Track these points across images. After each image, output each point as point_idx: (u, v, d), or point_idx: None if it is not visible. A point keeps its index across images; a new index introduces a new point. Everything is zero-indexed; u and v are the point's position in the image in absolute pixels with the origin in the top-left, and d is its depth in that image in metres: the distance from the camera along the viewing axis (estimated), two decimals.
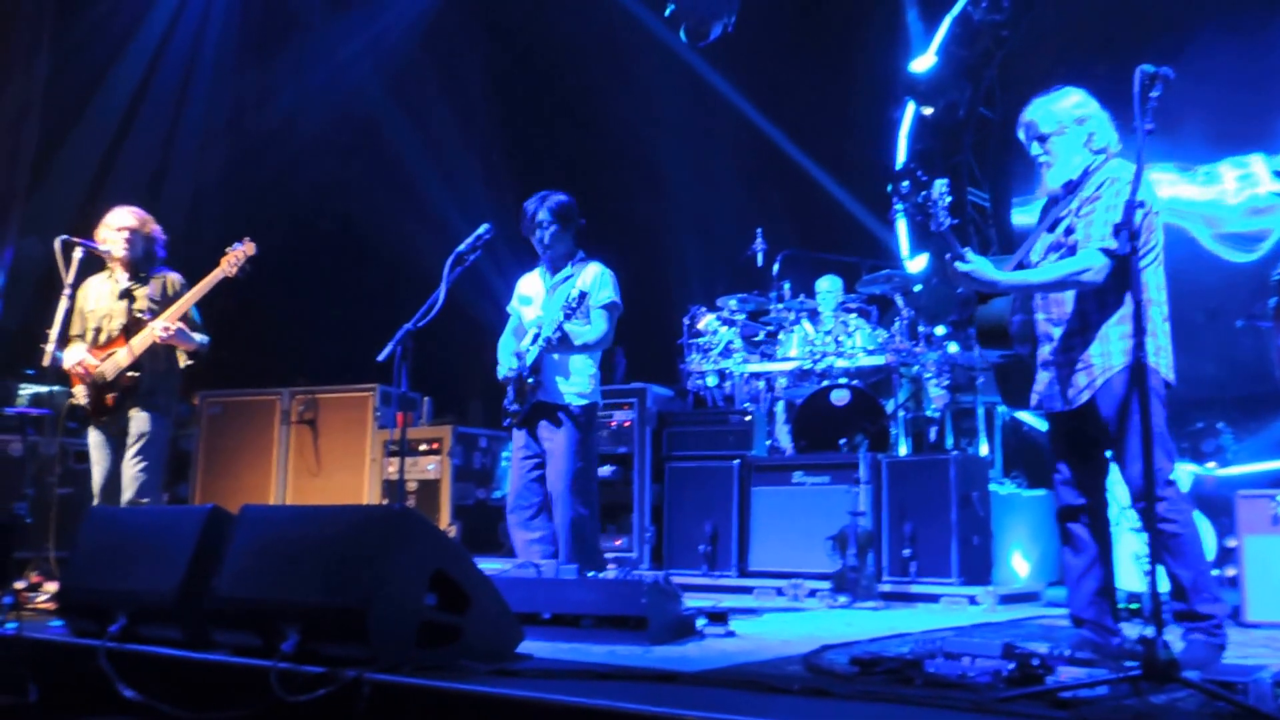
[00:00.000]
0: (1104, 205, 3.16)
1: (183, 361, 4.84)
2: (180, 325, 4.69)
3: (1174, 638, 3.04)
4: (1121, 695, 2.28)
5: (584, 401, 4.52)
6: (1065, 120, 3.35)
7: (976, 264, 3.20)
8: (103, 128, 8.70)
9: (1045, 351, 3.34)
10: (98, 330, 4.83)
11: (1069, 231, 3.25)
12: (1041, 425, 8.14)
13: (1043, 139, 3.38)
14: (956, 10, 9.35)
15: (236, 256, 4.78)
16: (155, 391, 4.76)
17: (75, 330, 4.86)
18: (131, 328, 4.73)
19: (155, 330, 4.64)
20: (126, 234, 4.84)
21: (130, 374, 4.69)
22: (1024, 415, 8.08)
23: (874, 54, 9.58)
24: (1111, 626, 3.27)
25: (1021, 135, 3.45)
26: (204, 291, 4.77)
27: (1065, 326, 3.28)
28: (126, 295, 4.82)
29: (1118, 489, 4.56)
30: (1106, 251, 3.11)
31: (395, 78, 9.88)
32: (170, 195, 8.75)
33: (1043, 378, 3.35)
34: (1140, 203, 2.87)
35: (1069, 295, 3.27)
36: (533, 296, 4.69)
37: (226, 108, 9.53)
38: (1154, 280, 3.24)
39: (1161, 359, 3.23)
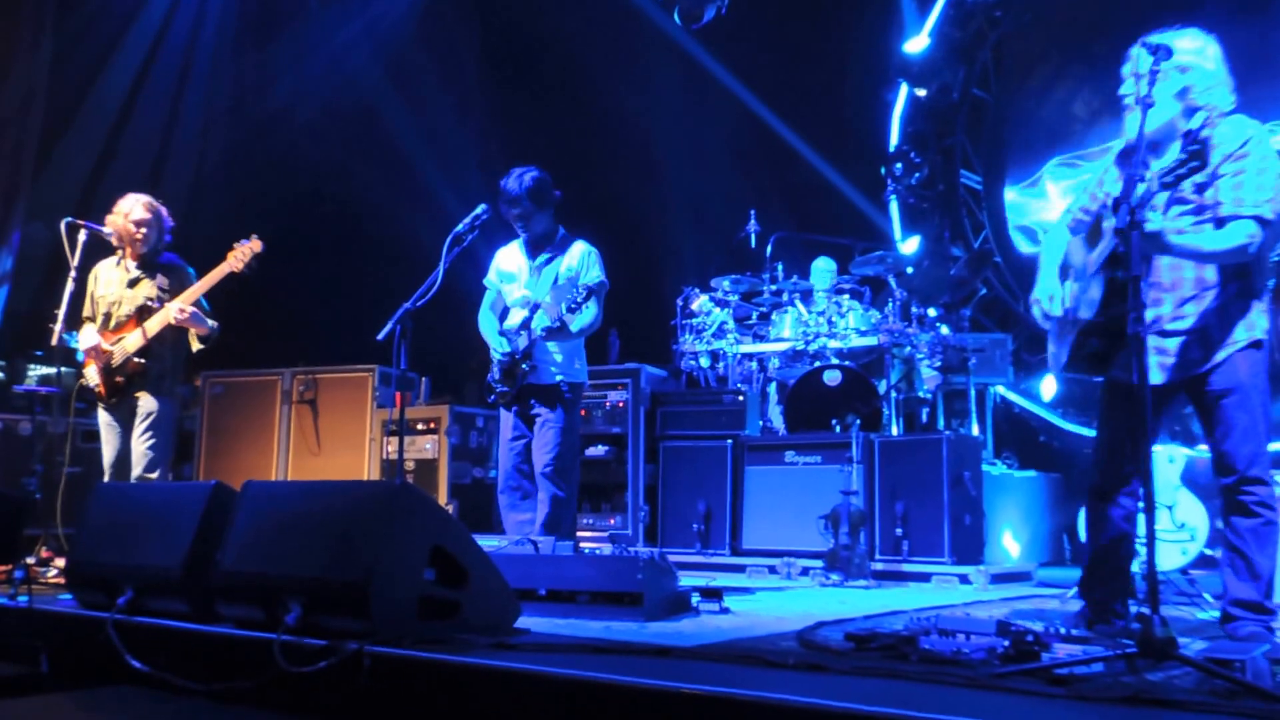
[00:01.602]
0: (1255, 168, 2.91)
1: (195, 346, 4.93)
2: (194, 309, 4.80)
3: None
4: (1118, 672, 2.28)
5: (573, 380, 4.62)
6: (1183, 60, 3.03)
7: (1158, 223, 2.89)
8: (105, 112, 8.68)
9: (1146, 318, 2.99)
10: (108, 315, 4.91)
11: (1200, 189, 2.96)
12: (1027, 403, 8.24)
13: (1136, 78, 3.07)
14: None
15: (244, 252, 4.86)
16: (163, 376, 4.88)
17: (86, 313, 4.95)
18: (142, 314, 4.82)
19: (171, 312, 4.73)
20: (144, 229, 4.90)
21: (138, 360, 4.79)
22: (1011, 395, 8.15)
23: (867, 35, 9.56)
24: (1119, 610, 3.17)
25: (1125, 69, 3.12)
26: (213, 284, 4.85)
27: (1178, 293, 3.04)
28: (135, 283, 4.91)
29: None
30: (1259, 219, 2.89)
31: (392, 61, 9.86)
32: (171, 178, 8.74)
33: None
34: (1141, 176, 2.83)
35: (1189, 260, 3.02)
36: (516, 273, 4.72)
37: (226, 92, 9.51)
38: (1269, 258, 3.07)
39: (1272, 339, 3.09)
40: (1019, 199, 9.14)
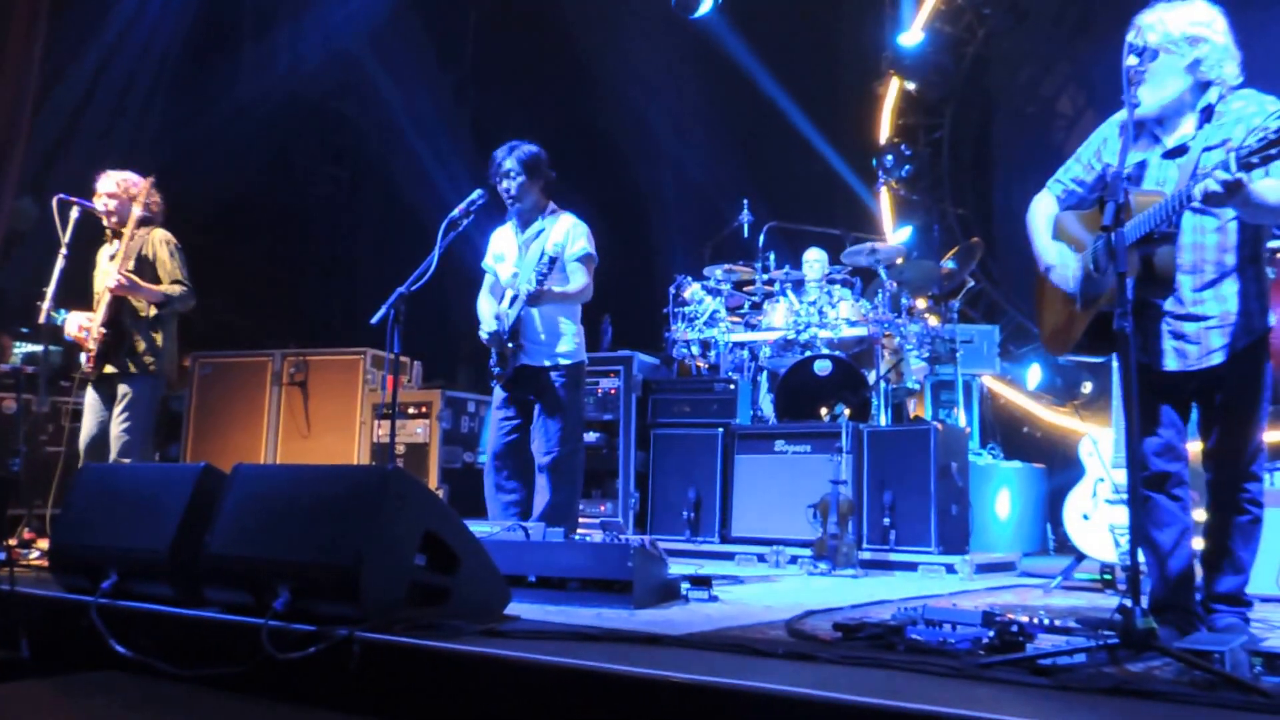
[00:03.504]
0: None
1: (149, 311, 4.87)
2: (128, 276, 4.74)
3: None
4: (1100, 663, 2.31)
5: (569, 361, 4.54)
6: (1176, 36, 2.90)
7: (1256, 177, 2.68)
8: (104, 87, 8.58)
9: (1166, 302, 2.95)
10: (97, 296, 4.94)
11: (1224, 166, 2.72)
12: (1013, 394, 8.28)
13: (1143, 52, 2.90)
14: None
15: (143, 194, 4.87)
16: (135, 351, 4.83)
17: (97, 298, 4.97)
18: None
19: (107, 283, 4.74)
20: (105, 200, 4.91)
21: (102, 330, 4.77)
22: (997, 386, 8.18)
23: (861, 28, 9.59)
24: (1199, 612, 2.98)
25: (1131, 37, 2.94)
26: (128, 239, 4.84)
27: (1198, 277, 2.92)
28: (114, 258, 4.92)
29: (1095, 457, 4.65)
30: None
31: (390, 44, 9.79)
32: (167, 157, 8.65)
33: (1156, 330, 2.97)
34: (1128, 176, 2.81)
35: (1212, 241, 2.91)
36: (505, 254, 4.66)
37: (223, 72, 9.43)
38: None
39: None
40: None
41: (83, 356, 4.87)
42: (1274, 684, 2.21)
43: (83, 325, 4.83)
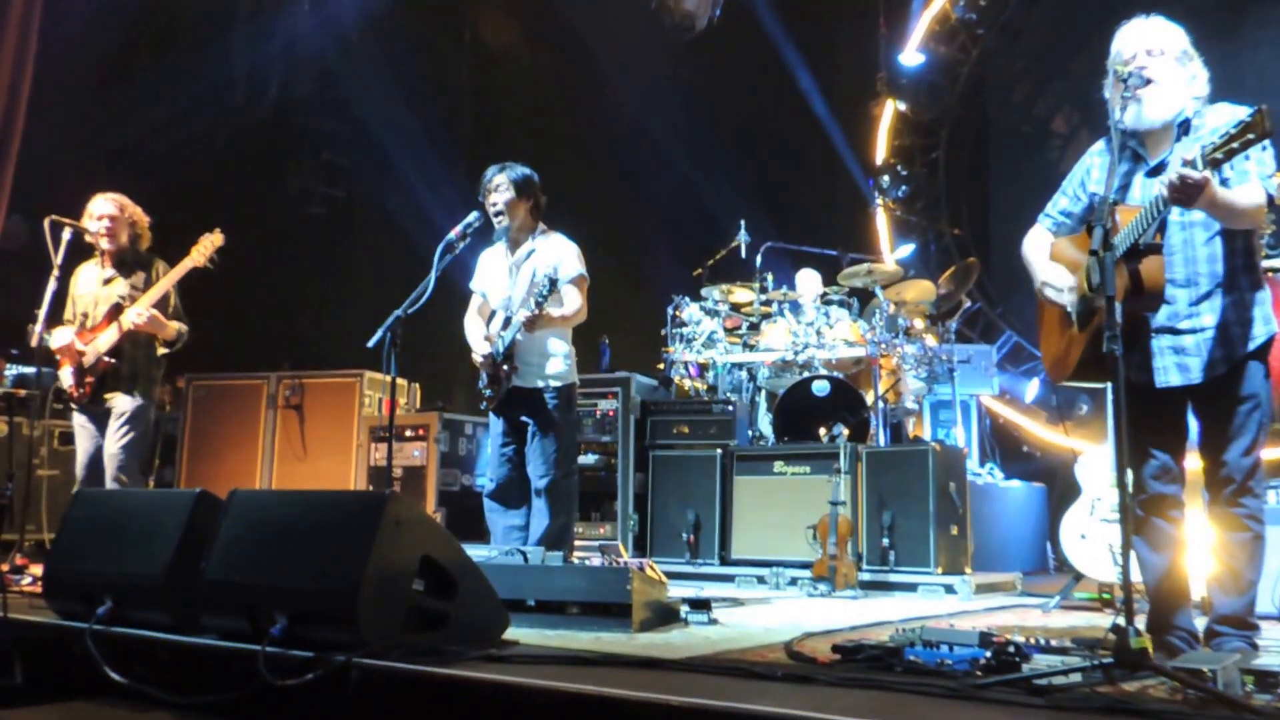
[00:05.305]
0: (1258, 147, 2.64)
1: (159, 350, 4.93)
2: (153, 313, 4.77)
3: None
4: (1095, 682, 2.31)
5: (561, 383, 4.53)
6: (1185, 47, 2.93)
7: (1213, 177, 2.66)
8: (92, 106, 8.60)
9: (1159, 317, 2.90)
10: (85, 315, 4.94)
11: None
12: (1011, 414, 8.28)
13: (1151, 53, 2.90)
14: (935, 8, 9.46)
15: (206, 246, 4.89)
16: (136, 376, 4.87)
17: (67, 315, 4.97)
18: (114, 313, 4.83)
19: (128, 319, 4.74)
20: (107, 222, 4.91)
21: (108, 359, 4.79)
22: (995, 405, 8.19)
23: (857, 49, 9.66)
24: (1194, 631, 2.97)
25: (1143, 42, 2.94)
26: (175, 280, 4.86)
27: (1193, 289, 2.89)
28: (109, 282, 4.93)
29: (1091, 476, 4.65)
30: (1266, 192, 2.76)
31: (383, 63, 9.84)
32: (158, 178, 8.68)
33: (1155, 348, 2.93)
34: (1117, 200, 2.80)
35: (1203, 253, 2.88)
36: (495, 276, 4.65)
37: (216, 92, 9.45)
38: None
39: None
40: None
41: (65, 374, 4.83)
42: (1266, 701, 2.21)
43: (77, 349, 4.81)
